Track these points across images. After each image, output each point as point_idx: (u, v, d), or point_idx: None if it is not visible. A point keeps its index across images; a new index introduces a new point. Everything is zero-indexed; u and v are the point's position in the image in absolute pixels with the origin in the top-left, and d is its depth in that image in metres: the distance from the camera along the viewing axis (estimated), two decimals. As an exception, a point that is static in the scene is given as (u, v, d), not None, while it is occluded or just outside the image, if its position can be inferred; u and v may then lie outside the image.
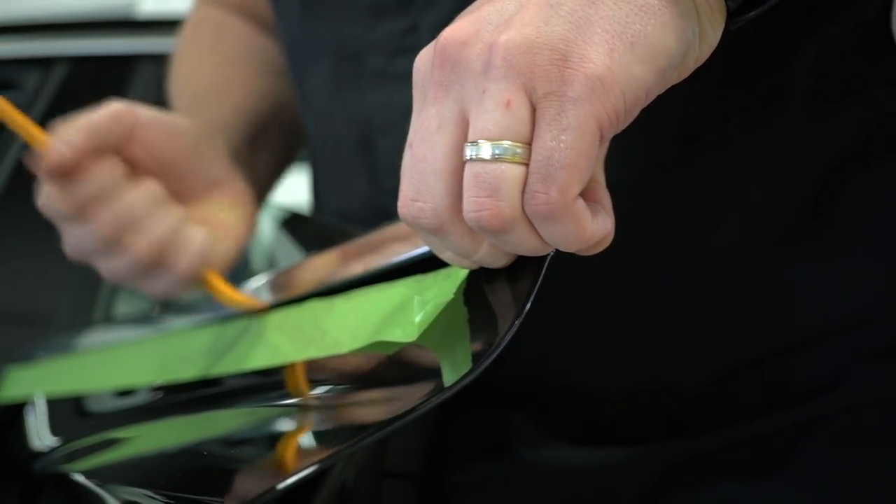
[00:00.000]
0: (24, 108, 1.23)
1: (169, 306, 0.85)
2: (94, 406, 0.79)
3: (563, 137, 0.35)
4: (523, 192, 0.36)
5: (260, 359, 0.58)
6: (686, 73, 0.39)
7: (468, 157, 0.37)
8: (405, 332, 0.45)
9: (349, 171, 0.66)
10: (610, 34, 0.35)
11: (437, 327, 0.44)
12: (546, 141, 0.36)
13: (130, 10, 0.90)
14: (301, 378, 0.54)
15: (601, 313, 0.58)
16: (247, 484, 0.46)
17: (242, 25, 0.81)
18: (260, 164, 0.71)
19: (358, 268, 0.55)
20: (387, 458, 0.61)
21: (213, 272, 0.61)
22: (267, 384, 0.58)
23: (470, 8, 0.39)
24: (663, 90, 0.38)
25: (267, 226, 1.14)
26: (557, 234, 0.37)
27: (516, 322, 0.39)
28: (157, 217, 0.58)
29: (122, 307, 1.25)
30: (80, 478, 0.61)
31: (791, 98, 0.54)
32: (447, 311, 0.45)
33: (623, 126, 0.37)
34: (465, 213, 0.37)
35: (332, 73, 0.64)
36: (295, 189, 1.07)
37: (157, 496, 0.49)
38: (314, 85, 0.67)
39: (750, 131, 0.55)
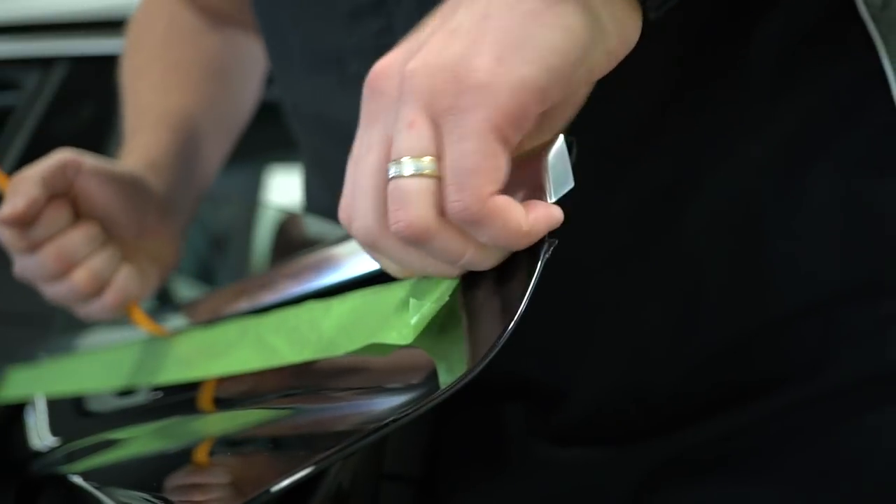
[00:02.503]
0: (24, 108, 1.23)
1: (169, 306, 0.85)
2: (94, 406, 0.79)
3: (464, 146, 0.38)
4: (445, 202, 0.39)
5: (257, 361, 0.58)
6: (607, 65, 0.40)
7: (389, 176, 0.40)
8: (401, 334, 0.45)
9: (338, 173, 0.66)
10: (498, 43, 0.38)
11: (433, 329, 0.44)
12: (451, 152, 0.38)
13: (130, 10, 0.90)
14: (209, 395, 0.61)
15: (572, 306, 0.58)
16: (241, 485, 0.46)
17: (193, 21, 0.85)
18: (194, 172, 0.79)
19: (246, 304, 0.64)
20: (384, 460, 0.61)
21: (134, 304, 0.71)
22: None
23: (403, 40, 0.42)
24: (575, 86, 0.39)
25: (265, 227, 1.14)
26: (490, 235, 0.39)
27: (511, 324, 0.39)
28: (93, 255, 0.67)
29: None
30: (78, 479, 0.61)
31: (755, 72, 0.54)
32: (442, 312, 0.45)
33: (527, 123, 0.39)
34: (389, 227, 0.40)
35: (316, 79, 0.65)
36: (292, 189, 1.07)
37: (154, 499, 0.49)
38: (301, 90, 0.69)
39: (714, 108, 0.55)
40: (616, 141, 0.55)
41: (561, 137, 0.42)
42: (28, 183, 0.63)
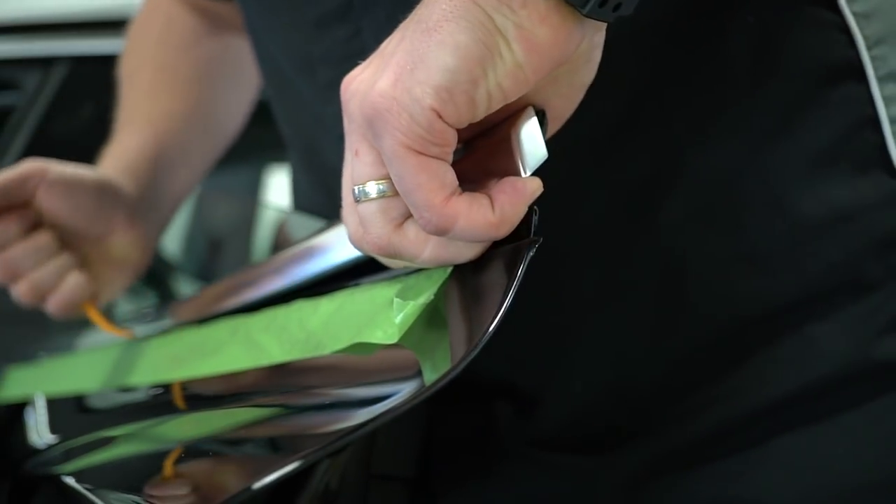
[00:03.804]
0: (24, 108, 1.23)
1: (168, 305, 0.85)
2: (95, 403, 0.79)
3: (393, 169, 0.40)
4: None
5: (247, 359, 0.58)
6: (523, 76, 0.40)
7: (354, 199, 0.43)
8: (386, 333, 0.45)
9: (324, 173, 0.66)
10: (399, 65, 0.39)
11: (418, 328, 0.44)
12: (391, 175, 0.41)
13: (130, 10, 0.90)
14: (179, 395, 0.63)
15: (549, 306, 0.57)
16: (223, 484, 0.46)
17: (192, 25, 0.86)
18: (174, 177, 0.81)
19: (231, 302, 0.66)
20: (372, 460, 0.61)
21: (90, 306, 0.74)
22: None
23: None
24: (485, 99, 0.39)
25: (265, 227, 1.14)
26: (461, 236, 0.41)
27: (494, 322, 0.39)
28: (39, 266, 0.70)
29: (123, 306, 1.25)
30: (70, 481, 0.61)
31: (732, 65, 0.54)
32: (427, 311, 0.45)
33: (445, 134, 0.39)
34: None
35: (296, 88, 0.66)
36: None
37: (144, 502, 0.49)
38: (286, 96, 0.69)
39: (692, 102, 0.55)
40: (593, 137, 0.54)
41: (530, 109, 0.42)
42: None
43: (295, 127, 0.71)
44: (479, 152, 0.45)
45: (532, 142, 0.42)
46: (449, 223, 0.40)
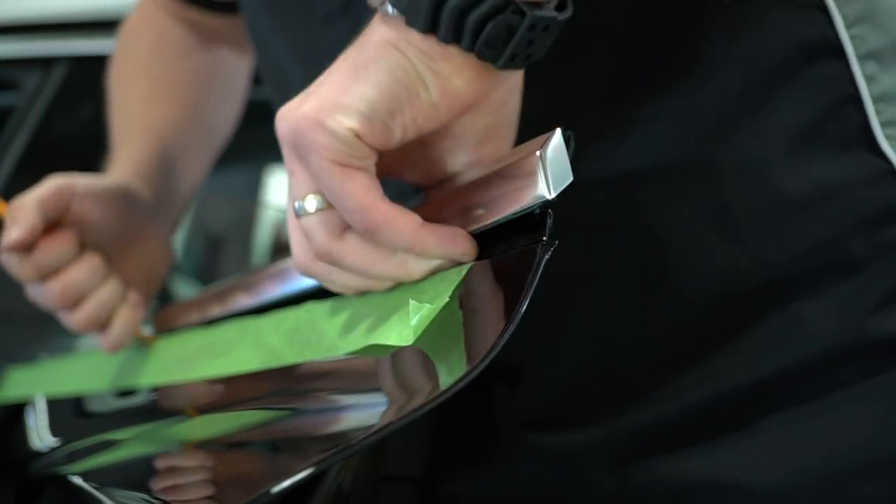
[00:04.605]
0: (24, 108, 1.22)
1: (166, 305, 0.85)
2: (94, 406, 0.79)
3: (323, 182, 0.45)
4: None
5: (256, 361, 0.58)
6: (436, 114, 0.45)
7: (296, 216, 0.47)
8: (401, 335, 0.45)
9: None
10: (325, 93, 0.44)
11: (433, 330, 0.44)
12: (323, 189, 0.45)
13: (130, 10, 0.90)
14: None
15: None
16: (240, 487, 0.46)
17: (182, 38, 0.88)
18: (179, 181, 0.82)
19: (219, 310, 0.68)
20: (384, 461, 0.61)
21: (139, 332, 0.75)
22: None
23: None
24: (400, 130, 0.44)
25: (265, 227, 1.15)
26: (391, 235, 0.45)
27: (511, 325, 0.39)
28: (96, 291, 0.70)
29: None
30: (77, 480, 0.61)
31: (706, 49, 0.55)
32: (442, 313, 0.45)
33: (364, 150, 0.44)
34: None
35: (299, 87, 0.66)
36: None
37: (153, 499, 0.49)
38: (289, 96, 0.69)
39: (670, 82, 0.55)
40: (573, 118, 0.54)
41: (558, 132, 0.43)
42: (26, 210, 0.67)
43: None
44: (436, 201, 0.49)
45: (559, 164, 0.43)
46: (377, 221, 0.44)
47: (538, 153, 0.43)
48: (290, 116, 0.45)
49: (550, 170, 0.43)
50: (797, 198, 0.55)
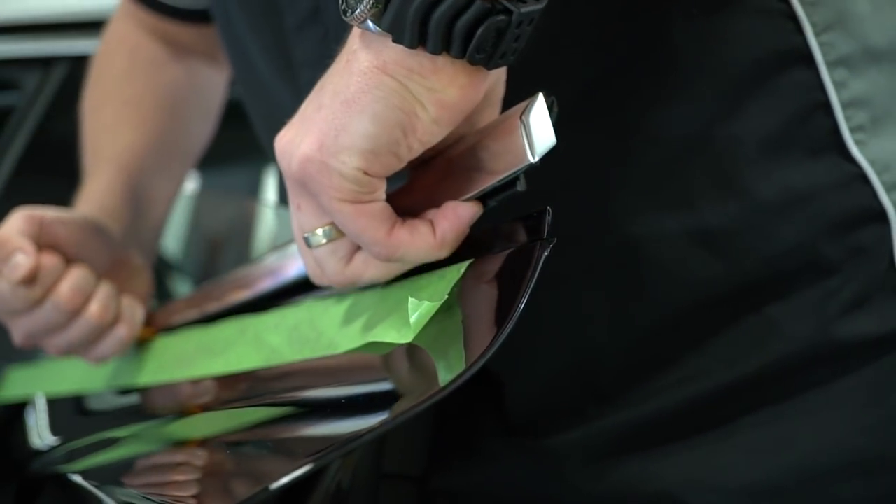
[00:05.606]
0: (24, 108, 1.22)
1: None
2: (94, 405, 0.79)
3: (336, 219, 0.45)
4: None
5: (256, 359, 0.58)
6: (438, 129, 0.44)
7: (308, 246, 0.48)
8: (400, 333, 0.45)
9: None
10: (322, 132, 0.44)
11: (432, 328, 0.45)
12: (336, 223, 0.46)
13: (130, 10, 0.91)
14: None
15: None
16: (239, 484, 0.46)
17: (155, 53, 0.88)
18: (147, 209, 0.83)
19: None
20: (383, 459, 0.61)
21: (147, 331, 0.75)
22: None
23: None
24: (406, 154, 0.44)
25: (265, 227, 1.15)
26: (408, 261, 0.47)
27: (509, 323, 0.40)
28: (101, 285, 0.70)
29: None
30: (77, 478, 0.61)
31: (678, 53, 0.55)
32: (441, 311, 0.45)
33: (370, 187, 0.44)
34: None
35: (275, 92, 0.68)
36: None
37: (152, 497, 0.49)
38: (264, 102, 0.71)
39: (640, 90, 0.55)
40: None
41: (540, 96, 0.43)
42: (14, 241, 0.66)
43: (274, 131, 0.72)
44: (431, 175, 0.49)
45: (542, 128, 0.43)
46: (395, 251, 0.46)
47: (521, 117, 0.43)
48: (293, 154, 0.45)
49: (534, 133, 0.43)
50: (769, 203, 0.55)
